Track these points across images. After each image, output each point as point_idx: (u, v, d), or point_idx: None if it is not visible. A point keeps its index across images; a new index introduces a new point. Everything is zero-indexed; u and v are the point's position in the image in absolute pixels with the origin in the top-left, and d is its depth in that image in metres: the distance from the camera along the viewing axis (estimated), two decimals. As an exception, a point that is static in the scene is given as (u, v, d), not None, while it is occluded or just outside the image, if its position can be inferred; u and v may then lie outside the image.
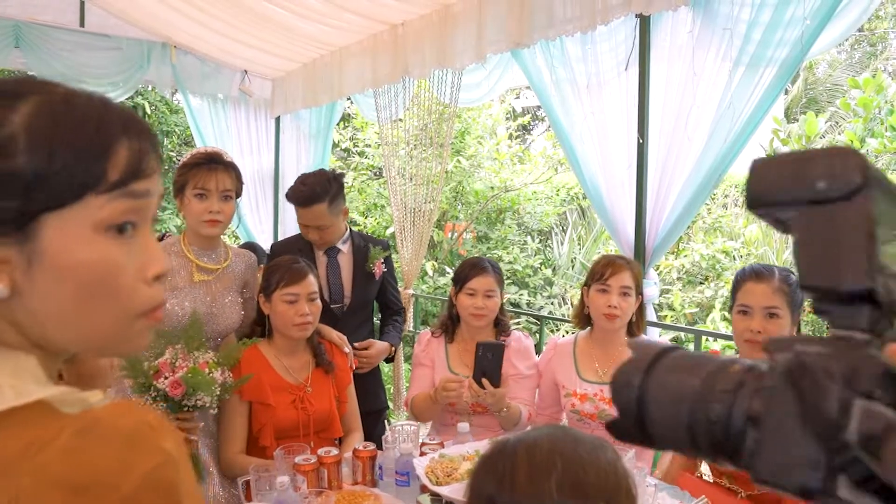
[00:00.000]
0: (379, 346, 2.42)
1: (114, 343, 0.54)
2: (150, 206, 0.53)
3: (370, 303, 2.54)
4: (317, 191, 2.25)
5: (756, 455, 0.34)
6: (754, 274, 1.63)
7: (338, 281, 2.42)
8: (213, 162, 1.94)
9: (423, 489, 1.62)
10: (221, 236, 2.06)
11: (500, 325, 2.20)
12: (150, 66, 4.32)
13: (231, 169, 1.97)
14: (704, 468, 1.83)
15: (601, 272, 1.97)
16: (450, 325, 2.23)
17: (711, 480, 1.76)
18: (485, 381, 1.95)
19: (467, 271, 2.16)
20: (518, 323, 5.74)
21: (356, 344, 2.30)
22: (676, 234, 2.56)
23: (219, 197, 1.93)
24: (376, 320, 2.67)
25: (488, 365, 1.95)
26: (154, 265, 0.53)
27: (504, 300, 2.22)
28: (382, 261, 2.47)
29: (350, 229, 2.50)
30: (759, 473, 0.33)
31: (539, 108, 11.05)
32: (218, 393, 1.73)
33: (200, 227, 1.94)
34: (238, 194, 2.02)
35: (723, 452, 0.36)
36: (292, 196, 2.31)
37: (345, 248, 2.46)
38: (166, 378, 1.67)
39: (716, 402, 0.36)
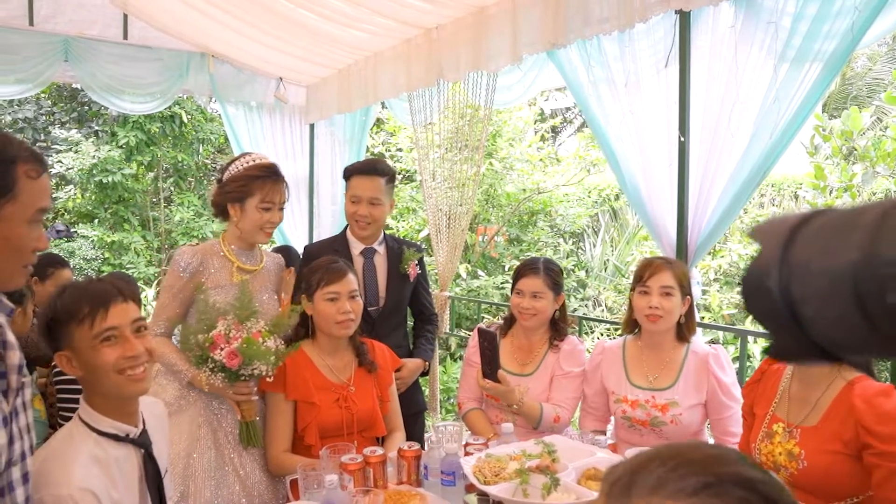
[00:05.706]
0: (411, 365, 2.42)
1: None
2: None
3: (405, 306, 2.54)
4: (380, 165, 2.42)
5: None
6: None
7: (374, 283, 2.43)
8: (277, 175, 2.04)
9: (469, 489, 1.62)
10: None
11: (556, 328, 2.20)
12: (188, 75, 4.43)
13: (285, 180, 2.08)
14: None
15: (640, 274, 1.99)
16: (509, 321, 2.25)
17: None
18: (482, 380, 1.99)
19: (520, 270, 2.18)
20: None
21: None
22: (719, 233, 2.51)
23: (279, 208, 2.03)
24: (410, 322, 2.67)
25: (486, 354, 1.96)
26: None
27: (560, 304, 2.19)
28: (416, 262, 2.48)
29: (383, 232, 2.53)
30: None
31: (568, 109, 10.95)
32: (273, 361, 1.78)
33: (257, 234, 2.02)
34: None
35: None
36: (355, 165, 2.43)
37: (381, 249, 2.48)
38: (222, 350, 1.73)
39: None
